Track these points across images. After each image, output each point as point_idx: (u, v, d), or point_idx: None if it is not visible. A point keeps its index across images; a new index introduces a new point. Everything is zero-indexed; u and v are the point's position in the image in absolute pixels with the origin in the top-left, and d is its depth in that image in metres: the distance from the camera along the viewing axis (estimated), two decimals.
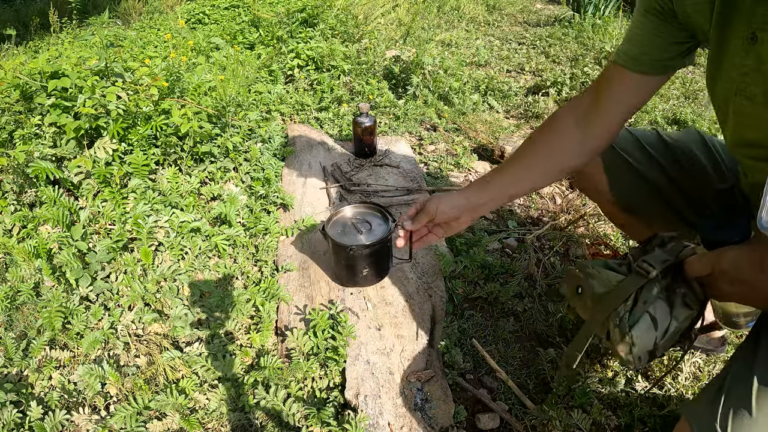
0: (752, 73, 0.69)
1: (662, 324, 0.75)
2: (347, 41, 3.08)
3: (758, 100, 0.70)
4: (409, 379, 1.18)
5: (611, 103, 0.90)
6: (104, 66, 1.78)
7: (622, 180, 1.07)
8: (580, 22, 3.87)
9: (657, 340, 0.75)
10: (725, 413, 0.59)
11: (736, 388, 0.61)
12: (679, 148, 1.05)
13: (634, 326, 0.75)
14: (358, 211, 1.41)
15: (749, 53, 0.68)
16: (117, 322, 1.27)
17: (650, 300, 0.76)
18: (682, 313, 0.76)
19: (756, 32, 0.66)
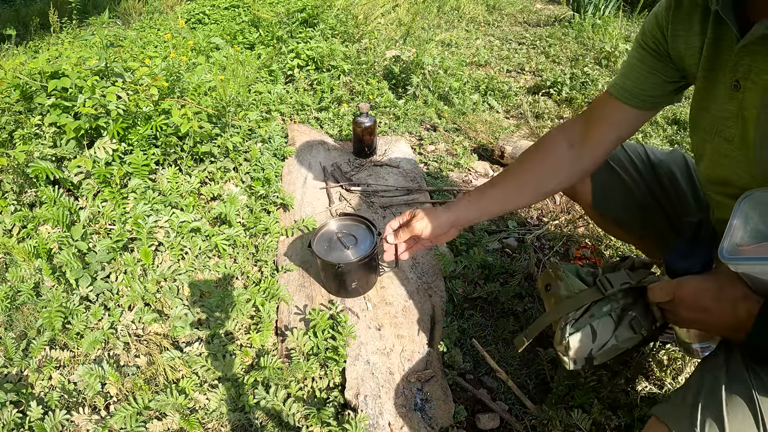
0: (733, 118, 0.74)
1: (601, 338, 0.83)
2: (347, 41, 3.08)
3: (735, 143, 0.75)
4: (409, 379, 1.18)
5: (603, 132, 0.96)
6: (104, 66, 1.78)
7: (606, 189, 1.12)
8: (580, 22, 3.87)
9: (592, 351, 0.83)
10: (703, 422, 0.62)
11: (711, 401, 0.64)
12: (663, 169, 1.10)
13: (574, 334, 0.84)
14: (343, 224, 1.40)
15: (732, 99, 0.73)
16: (117, 322, 1.27)
17: (598, 315, 0.84)
18: (624, 334, 0.83)
19: (739, 80, 0.71)
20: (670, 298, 0.76)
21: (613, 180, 1.11)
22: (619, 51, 3.12)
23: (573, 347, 0.84)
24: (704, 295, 0.71)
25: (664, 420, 0.67)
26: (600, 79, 2.73)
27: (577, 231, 1.75)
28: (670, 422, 0.66)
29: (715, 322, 0.71)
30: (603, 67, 3.07)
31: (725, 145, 0.77)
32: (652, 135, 2.34)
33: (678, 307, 0.75)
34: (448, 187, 1.91)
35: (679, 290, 0.74)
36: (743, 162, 0.75)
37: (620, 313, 0.85)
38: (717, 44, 0.75)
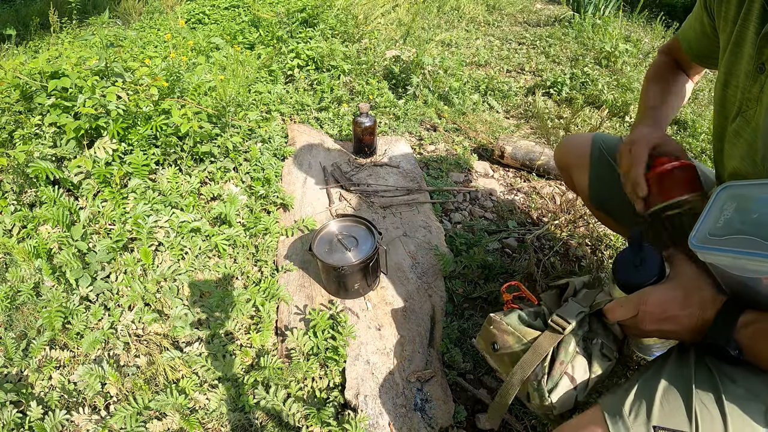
0: (754, 100, 0.73)
1: (581, 380, 0.77)
2: (347, 41, 3.08)
3: (752, 125, 0.74)
4: (409, 379, 1.18)
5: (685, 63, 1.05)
6: (104, 66, 1.78)
7: (601, 182, 1.14)
8: (580, 22, 3.87)
9: (578, 398, 0.77)
10: (633, 403, 0.64)
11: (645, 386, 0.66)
12: None
13: (553, 390, 0.76)
14: (344, 225, 1.40)
15: (756, 81, 0.72)
16: (117, 322, 1.27)
17: (567, 359, 0.77)
18: (600, 366, 0.78)
19: (765, 63, 0.70)
20: (634, 314, 0.73)
21: (608, 173, 1.12)
22: (619, 51, 3.12)
23: (558, 405, 0.78)
24: (670, 304, 0.70)
25: (599, 403, 0.68)
26: (600, 79, 2.73)
27: (577, 231, 1.75)
28: (604, 405, 0.66)
29: (683, 329, 0.70)
30: (603, 67, 3.07)
31: (744, 126, 0.76)
32: None
33: (642, 322, 0.73)
34: (448, 187, 1.91)
35: (643, 305, 0.72)
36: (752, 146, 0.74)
37: (584, 345, 0.79)
38: (747, 16, 0.74)
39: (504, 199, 1.93)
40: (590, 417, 0.67)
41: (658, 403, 0.63)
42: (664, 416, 0.62)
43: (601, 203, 1.17)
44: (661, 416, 0.62)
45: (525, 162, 2.06)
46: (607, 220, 1.25)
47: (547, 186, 2.01)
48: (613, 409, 0.65)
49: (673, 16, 4.49)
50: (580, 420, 0.68)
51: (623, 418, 0.63)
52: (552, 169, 2.03)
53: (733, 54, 0.77)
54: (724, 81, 0.80)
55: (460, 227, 1.74)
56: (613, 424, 0.63)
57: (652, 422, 0.62)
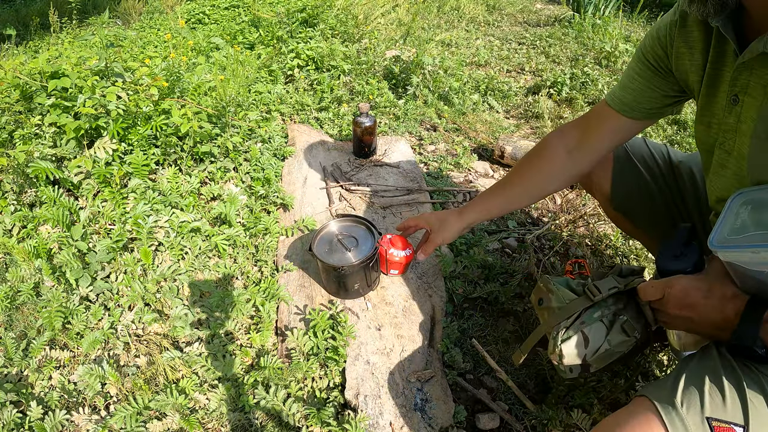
0: (731, 131, 0.76)
1: (594, 343, 0.84)
2: (347, 41, 3.08)
3: (733, 155, 0.77)
4: (409, 379, 1.18)
5: (600, 139, 1.02)
6: (104, 66, 1.78)
7: (625, 184, 1.13)
8: (580, 22, 3.87)
9: (586, 357, 0.84)
10: (684, 392, 0.65)
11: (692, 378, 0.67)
12: (684, 169, 1.10)
13: (566, 341, 0.86)
14: (344, 225, 1.40)
15: (731, 113, 0.75)
16: (117, 322, 1.27)
17: (589, 321, 0.86)
18: (617, 338, 0.84)
19: (738, 95, 0.73)
20: (660, 296, 0.77)
21: (633, 175, 1.12)
22: (619, 51, 3.12)
23: (566, 354, 0.86)
24: (693, 292, 0.73)
25: (645, 394, 0.68)
26: (600, 79, 2.73)
27: (577, 231, 1.75)
28: (651, 395, 0.67)
29: (703, 320, 0.72)
30: (603, 67, 3.07)
31: (725, 157, 0.79)
32: (652, 135, 2.34)
33: (667, 305, 0.76)
34: (448, 187, 1.91)
35: (669, 288, 0.76)
36: (738, 175, 0.77)
37: (612, 318, 0.86)
38: (719, 60, 0.77)
39: None
40: (641, 406, 0.66)
41: (708, 396, 0.63)
42: (716, 408, 0.62)
43: (623, 206, 1.17)
44: (713, 408, 0.62)
45: None
46: (625, 224, 1.24)
47: None
48: (663, 400, 0.65)
49: None
50: (630, 409, 0.68)
51: (676, 408, 0.63)
52: None
53: (709, 95, 0.80)
54: (706, 122, 0.83)
55: None
56: (666, 414, 0.63)
57: (705, 413, 0.62)
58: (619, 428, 0.65)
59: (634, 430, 0.64)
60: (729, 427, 0.61)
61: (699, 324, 0.73)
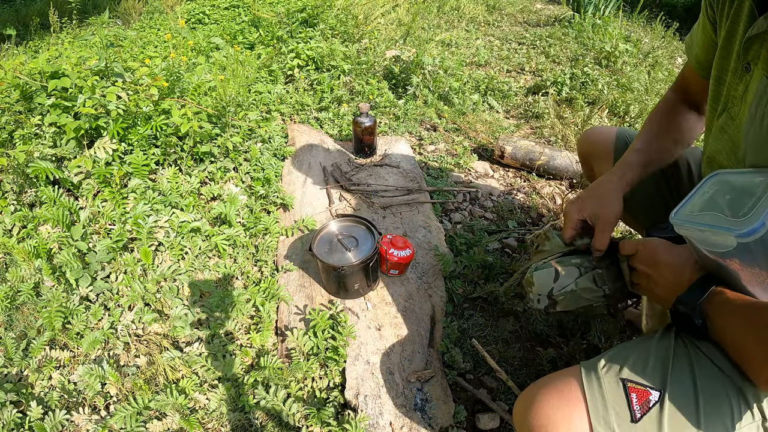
0: (739, 98, 0.75)
1: (563, 281, 0.91)
2: (347, 41, 3.08)
3: (736, 122, 0.76)
4: (409, 379, 1.18)
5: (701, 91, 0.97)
6: (104, 66, 1.78)
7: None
8: (580, 22, 3.87)
9: (553, 291, 0.91)
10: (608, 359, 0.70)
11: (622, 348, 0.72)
12: (681, 165, 1.10)
13: (538, 270, 0.93)
14: (344, 225, 1.40)
15: (742, 80, 0.74)
16: (117, 322, 1.27)
17: (565, 263, 0.93)
18: (584, 283, 0.91)
19: (750, 63, 0.72)
20: (634, 251, 0.80)
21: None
22: (619, 51, 3.11)
23: (536, 282, 0.92)
24: (660, 250, 0.76)
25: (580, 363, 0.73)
26: (600, 79, 2.73)
27: None
28: (583, 363, 0.71)
29: (659, 278, 0.74)
30: (603, 67, 3.07)
31: (729, 122, 0.78)
32: None
33: (637, 260, 0.79)
34: (448, 187, 1.91)
35: (642, 245, 0.79)
36: (734, 143, 0.77)
37: (588, 268, 0.92)
38: (738, 14, 0.74)
39: (504, 199, 1.93)
40: (569, 371, 0.72)
41: (631, 362, 0.68)
42: (635, 372, 0.66)
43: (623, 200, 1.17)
44: (631, 372, 0.66)
45: (525, 162, 2.06)
46: (625, 217, 1.25)
47: (547, 186, 2.01)
48: (589, 365, 0.70)
49: (673, 16, 4.49)
50: (559, 373, 0.74)
51: (596, 370, 0.68)
52: (552, 169, 2.03)
53: (725, 50, 0.78)
54: (716, 77, 0.82)
55: (460, 227, 1.74)
56: (586, 375, 0.68)
57: (621, 375, 0.66)
58: (544, 387, 0.70)
59: (556, 386, 0.69)
60: (644, 389, 0.64)
61: (657, 283, 0.75)
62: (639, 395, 0.64)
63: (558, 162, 2.01)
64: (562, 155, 2.03)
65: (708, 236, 0.63)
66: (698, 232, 0.64)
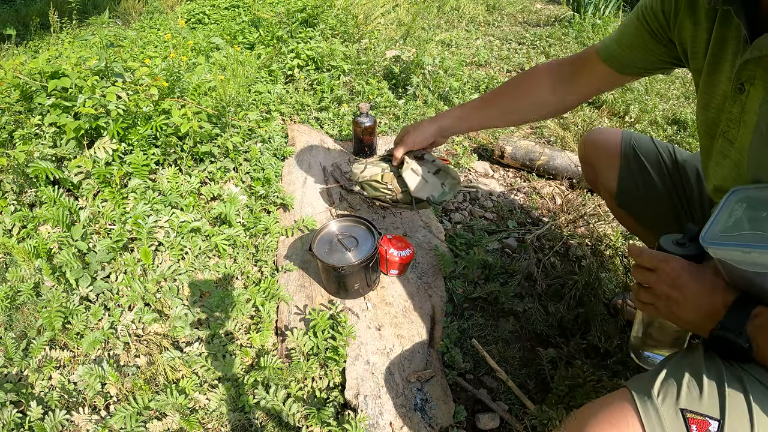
0: (735, 120, 0.74)
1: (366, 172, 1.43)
2: (347, 41, 3.08)
3: (736, 146, 0.74)
4: (409, 379, 1.18)
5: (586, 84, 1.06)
6: (104, 66, 1.78)
7: (631, 181, 1.13)
8: (580, 22, 3.87)
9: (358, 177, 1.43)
10: (662, 384, 0.65)
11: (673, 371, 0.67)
12: (689, 168, 1.09)
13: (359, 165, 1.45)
14: (344, 225, 1.40)
15: (736, 102, 0.73)
16: (117, 322, 1.27)
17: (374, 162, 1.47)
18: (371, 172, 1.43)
19: (744, 84, 0.70)
20: (652, 266, 0.74)
21: (641, 173, 1.12)
22: None
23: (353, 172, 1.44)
24: (686, 274, 0.71)
25: (627, 385, 0.68)
26: None
27: (577, 231, 1.75)
28: (630, 386, 0.67)
29: (689, 303, 0.70)
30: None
31: (727, 146, 0.77)
32: (652, 135, 2.34)
33: (657, 280, 0.73)
34: None
35: (664, 263, 0.73)
36: (738, 166, 0.75)
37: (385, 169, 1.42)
38: (723, 42, 0.74)
39: (504, 199, 1.93)
40: (618, 396, 0.67)
41: (685, 388, 0.63)
42: (692, 401, 0.62)
43: (628, 203, 1.16)
44: (689, 400, 0.62)
45: (525, 162, 2.06)
46: (628, 221, 1.23)
47: (547, 186, 2.01)
48: (641, 390, 0.65)
49: None
50: (607, 398, 0.69)
51: (651, 398, 0.63)
52: (552, 169, 2.03)
53: (710, 77, 0.78)
54: (704, 103, 0.81)
55: (460, 227, 1.74)
56: (642, 404, 0.63)
57: (680, 405, 0.62)
58: (594, 417, 0.65)
59: (609, 418, 0.64)
60: (704, 419, 0.61)
61: (684, 308, 0.70)
62: (699, 426, 0.61)
63: (558, 162, 2.01)
64: (562, 155, 2.03)
65: (754, 257, 0.60)
66: (740, 253, 0.62)
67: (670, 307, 0.71)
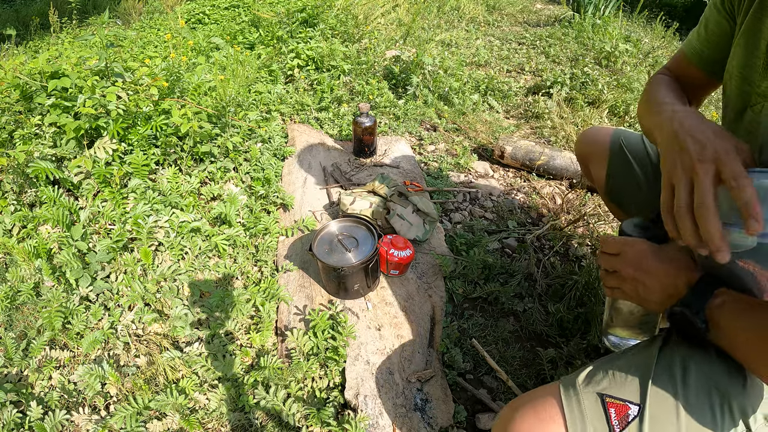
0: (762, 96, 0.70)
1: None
2: (347, 41, 3.08)
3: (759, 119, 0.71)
4: (409, 379, 1.18)
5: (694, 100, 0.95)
6: (104, 66, 1.78)
7: (618, 178, 1.16)
8: (580, 22, 3.87)
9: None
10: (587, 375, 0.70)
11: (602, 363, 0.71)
12: None
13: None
14: (344, 225, 1.40)
15: (765, 78, 0.70)
16: (117, 322, 1.27)
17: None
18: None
19: None
20: (617, 251, 0.75)
21: (626, 170, 1.14)
22: (619, 51, 3.11)
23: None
24: (651, 255, 0.72)
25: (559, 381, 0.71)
26: (600, 79, 2.73)
27: (577, 231, 1.75)
28: (562, 380, 0.71)
29: (654, 283, 0.70)
30: (603, 67, 3.07)
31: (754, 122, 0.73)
32: None
33: (622, 263, 0.74)
34: (448, 187, 1.91)
35: (628, 247, 0.74)
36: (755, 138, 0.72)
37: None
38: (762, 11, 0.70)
39: (504, 199, 1.93)
40: (548, 389, 0.71)
41: (610, 376, 0.67)
42: (613, 387, 0.66)
43: (616, 198, 1.20)
44: (610, 386, 0.66)
45: (525, 162, 2.06)
46: (620, 214, 1.27)
47: (547, 186, 2.01)
48: (567, 381, 0.70)
49: (673, 16, 4.49)
50: (538, 390, 0.73)
51: (575, 387, 0.67)
52: (552, 169, 2.03)
53: (745, 46, 0.74)
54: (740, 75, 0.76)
55: (460, 227, 1.74)
56: (565, 392, 0.68)
57: (599, 390, 0.66)
58: (522, 407, 0.69)
59: (533, 405, 0.68)
60: (624, 404, 0.64)
61: (650, 289, 0.71)
62: (618, 410, 0.64)
63: (558, 162, 2.01)
64: (562, 155, 2.03)
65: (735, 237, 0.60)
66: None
67: (636, 289, 0.72)
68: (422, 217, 1.58)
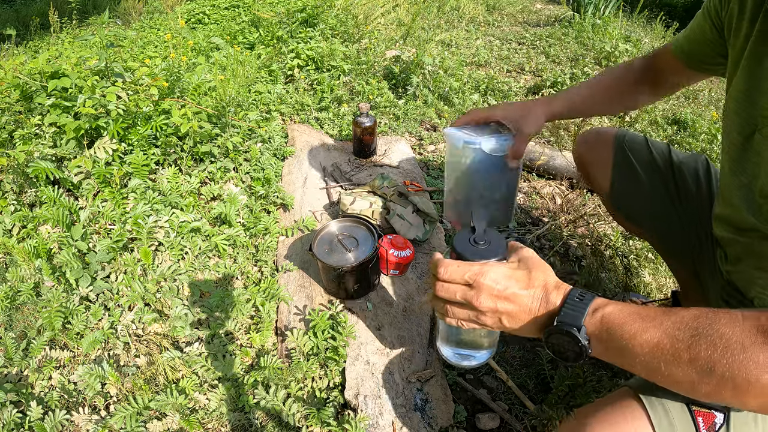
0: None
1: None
2: (347, 41, 3.08)
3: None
4: (409, 379, 1.18)
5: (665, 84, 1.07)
6: (104, 66, 1.78)
7: (623, 184, 1.13)
8: (580, 22, 3.87)
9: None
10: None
11: None
12: (686, 170, 1.09)
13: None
14: (344, 225, 1.40)
15: None
16: (117, 322, 1.27)
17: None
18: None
19: None
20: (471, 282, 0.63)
21: (631, 176, 1.11)
22: (619, 51, 3.12)
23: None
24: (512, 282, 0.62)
25: (627, 385, 0.68)
26: None
27: (577, 231, 1.75)
28: (632, 385, 0.67)
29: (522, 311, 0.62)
30: (603, 67, 3.07)
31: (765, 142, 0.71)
32: (652, 135, 2.34)
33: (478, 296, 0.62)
34: None
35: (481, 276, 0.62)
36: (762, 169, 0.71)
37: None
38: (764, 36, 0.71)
39: None
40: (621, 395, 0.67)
41: None
42: None
43: (622, 205, 1.16)
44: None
45: (525, 162, 2.06)
46: (624, 221, 1.23)
47: (547, 186, 2.01)
48: (645, 390, 0.65)
49: (673, 16, 4.49)
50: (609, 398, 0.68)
51: (657, 395, 0.64)
52: (552, 169, 2.03)
53: (751, 70, 0.73)
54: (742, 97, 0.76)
55: None
56: (648, 401, 0.63)
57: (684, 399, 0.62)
58: (596, 417, 0.64)
59: (617, 417, 0.63)
60: (710, 412, 0.62)
61: (517, 318, 0.62)
62: (705, 418, 0.61)
63: (558, 162, 2.01)
64: (562, 155, 2.03)
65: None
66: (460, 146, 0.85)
67: (500, 321, 0.63)
68: (422, 217, 1.57)
